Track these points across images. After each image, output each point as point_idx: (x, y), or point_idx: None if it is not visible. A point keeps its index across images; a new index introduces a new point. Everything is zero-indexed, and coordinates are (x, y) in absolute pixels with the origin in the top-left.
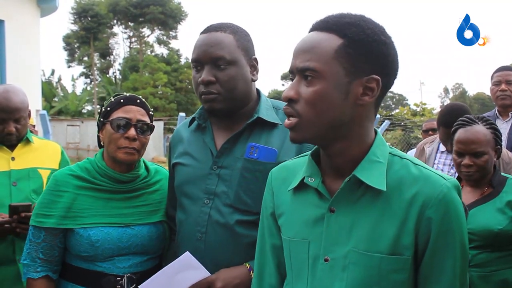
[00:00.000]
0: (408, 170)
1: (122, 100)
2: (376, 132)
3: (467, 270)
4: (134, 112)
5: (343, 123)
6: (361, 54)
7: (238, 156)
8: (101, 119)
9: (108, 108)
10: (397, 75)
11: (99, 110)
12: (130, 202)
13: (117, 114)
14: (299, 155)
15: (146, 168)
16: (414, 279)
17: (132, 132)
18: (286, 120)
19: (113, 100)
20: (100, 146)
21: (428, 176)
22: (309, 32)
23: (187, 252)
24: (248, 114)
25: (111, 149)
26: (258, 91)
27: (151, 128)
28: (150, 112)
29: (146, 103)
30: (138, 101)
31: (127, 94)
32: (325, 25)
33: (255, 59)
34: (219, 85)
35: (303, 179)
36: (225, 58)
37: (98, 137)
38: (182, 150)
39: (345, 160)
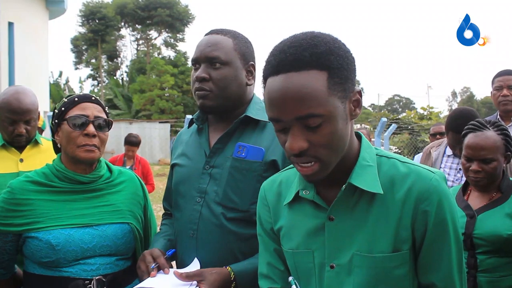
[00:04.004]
0: (397, 169)
1: (76, 99)
2: (360, 136)
3: (462, 256)
4: (91, 109)
5: (347, 143)
6: (344, 77)
7: (228, 156)
8: (56, 121)
9: (63, 108)
10: None
11: (51, 113)
12: (91, 202)
13: (74, 112)
14: (288, 167)
15: (109, 169)
16: (413, 270)
17: (91, 128)
18: (305, 168)
19: (66, 100)
20: (56, 150)
21: (417, 171)
22: (279, 74)
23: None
24: (240, 116)
25: (70, 149)
26: (253, 95)
27: (109, 124)
28: (106, 109)
29: (101, 100)
30: (93, 98)
31: (80, 93)
32: (300, 63)
33: (253, 65)
34: (212, 83)
35: (298, 192)
36: (220, 58)
37: (53, 141)
38: (180, 151)
39: (339, 169)
